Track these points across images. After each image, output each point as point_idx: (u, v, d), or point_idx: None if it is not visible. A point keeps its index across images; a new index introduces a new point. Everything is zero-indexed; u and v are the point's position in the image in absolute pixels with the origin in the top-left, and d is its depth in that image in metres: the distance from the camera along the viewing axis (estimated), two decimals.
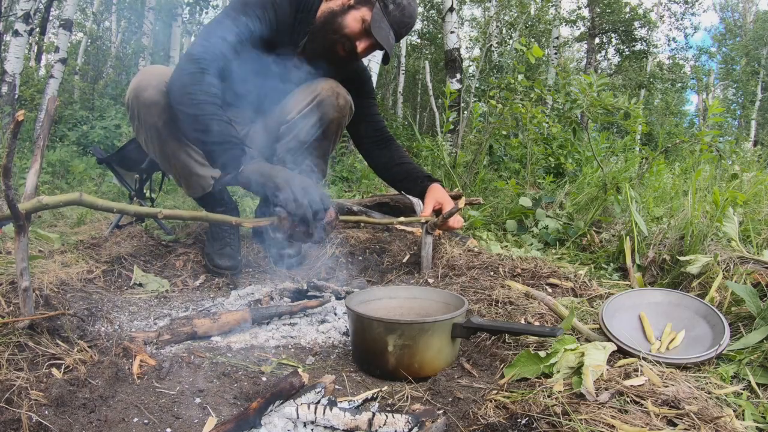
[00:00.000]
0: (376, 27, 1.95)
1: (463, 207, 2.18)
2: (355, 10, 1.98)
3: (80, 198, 1.21)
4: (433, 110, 11.31)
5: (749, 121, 21.96)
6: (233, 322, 1.59)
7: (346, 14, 1.98)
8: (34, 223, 3.22)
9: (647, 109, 17.84)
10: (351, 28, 1.98)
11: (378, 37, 1.95)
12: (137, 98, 1.98)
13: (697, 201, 2.33)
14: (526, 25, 12.27)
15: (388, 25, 1.98)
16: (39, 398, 1.05)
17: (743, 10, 27.62)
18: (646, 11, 15.43)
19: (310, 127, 2.18)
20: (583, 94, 3.47)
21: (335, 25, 1.99)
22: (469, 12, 19.41)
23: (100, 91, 10.71)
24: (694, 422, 0.98)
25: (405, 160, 2.33)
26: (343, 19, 1.99)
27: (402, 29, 2.04)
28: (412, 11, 2.04)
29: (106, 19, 14.40)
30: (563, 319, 1.46)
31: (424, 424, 1.07)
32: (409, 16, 2.03)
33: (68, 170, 6.07)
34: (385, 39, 1.97)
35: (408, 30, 2.09)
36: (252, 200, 3.93)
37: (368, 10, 1.97)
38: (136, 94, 1.98)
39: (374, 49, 2.06)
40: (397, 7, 1.98)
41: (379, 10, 1.96)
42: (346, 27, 1.98)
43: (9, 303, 1.43)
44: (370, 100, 2.39)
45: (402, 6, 1.99)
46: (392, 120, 13.12)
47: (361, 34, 2.00)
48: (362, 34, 2.00)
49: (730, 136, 15.65)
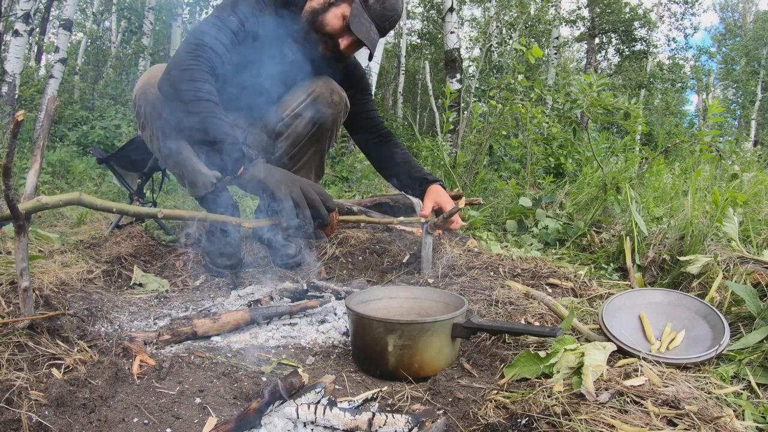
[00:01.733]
0: (355, 22, 1.92)
1: (463, 207, 2.18)
2: (335, 7, 1.96)
3: (80, 198, 1.21)
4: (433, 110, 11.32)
5: (749, 121, 21.96)
6: (233, 322, 1.59)
7: (327, 12, 1.96)
8: (34, 223, 3.22)
9: (647, 109, 17.84)
10: (332, 25, 1.96)
11: (357, 32, 1.91)
12: (144, 95, 1.98)
13: (697, 201, 2.33)
14: (526, 25, 12.27)
15: (368, 19, 1.95)
16: (39, 398, 1.05)
17: (743, 10, 27.62)
18: (646, 11, 15.44)
19: (305, 124, 2.19)
20: (583, 94, 3.47)
21: (317, 24, 1.98)
22: (469, 12, 19.43)
23: (100, 91, 10.71)
24: (694, 422, 0.98)
25: (404, 159, 2.32)
26: (324, 17, 1.97)
27: (385, 23, 2.00)
28: (394, 3, 1.99)
29: (106, 19, 14.39)
30: (563, 319, 1.46)
31: (424, 424, 1.07)
32: (391, 8, 1.98)
33: (68, 170, 6.07)
34: (365, 34, 1.93)
35: (392, 23, 2.04)
36: (252, 200, 3.93)
37: (348, 6, 1.94)
38: (144, 91, 1.98)
39: (358, 45, 2.03)
40: (377, 1, 1.94)
41: (358, 5, 1.93)
42: (327, 25, 1.97)
43: (9, 303, 1.43)
44: (366, 96, 2.38)
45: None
46: (392, 120, 13.13)
47: (342, 31, 1.97)
48: (344, 31, 1.97)
49: (730, 136, 15.65)
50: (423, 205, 2.15)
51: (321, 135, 2.23)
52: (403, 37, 15.10)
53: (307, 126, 2.19)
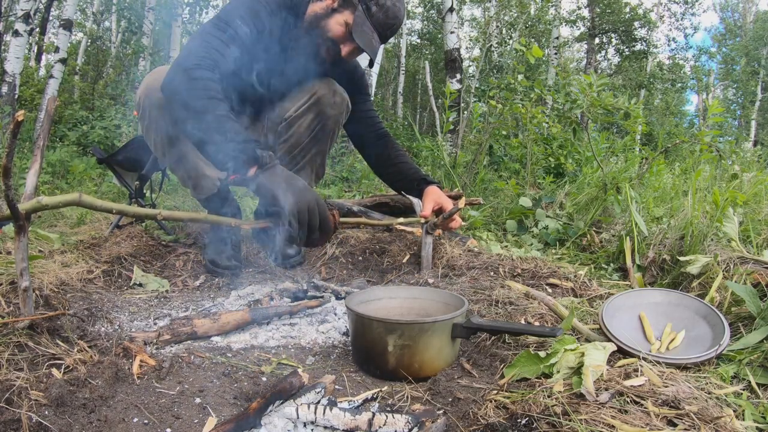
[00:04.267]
0: (357, 31, 1.93)
1: (463, 207, 2.18)
2: (338, 13, 1.96)
3: (79, 198, 1.21)
4: (433, 110, 11.32)
5: (749, 121, 21.96)
6: (233, 322, 1.59)
7: (330, 17, 1.97)
8: (34, 223, 3.22)
9: (647, 109, 17.85)
10: (334, 31, 1.97)
11: (359, 41, 1.92)
12: (148, 97, 1.98)
13: (697, 201, 2.33)
14: (526, 25, 12.28)
15: (371, 27, 1.95)
16: (39, 398, 1.05)
17: (743, 10, 27.62)
18: (646, 11, 15.44)
19: (307, 125, 2.19)
20: (583, 94, 3.47)
21: (319, 29, 1.98)
22: (469, 12, 19.43)
23: (100, 91, 10.70)
24: (694, 422, 0.98)
25: (401, 160, 2.31)
26: (327, 22, 1.97)
27: (386, 31, 2.01)
28: (397, 12, 2.00)
29: (106, 19, 14.40)
30: (563, 319, 1.46)
31: (424, 424, 1.07)
32: (393, 17, 1.99)
33: (68, 170, 6.06)
34: (367, 43, 1.94)
35: (393, 31, 2.05)
36: (252, 200, 3.93)
37: (351, 13, 1.95)
38: (148, 93, 1.98)
39: (359, 52, 2.04)
40: (380, 9, 1.95)
41: (361, 13, 1.94)
42: (329, 30, 1.97)
43: (9, 303, 1.43)
44: (365, 96, 2.38)
45: (386, 7, 1.96)
46: (392, 120, 13.13)
47: (344, 38, 1.98)
48: (346, 38, 1.98)
49: (730, 136, 15.65)
50: (423, 206, 2.15)
51: (323, 136, 2.23)
52: (403, 37, 15.11)
53: (309, 127, 2.20)
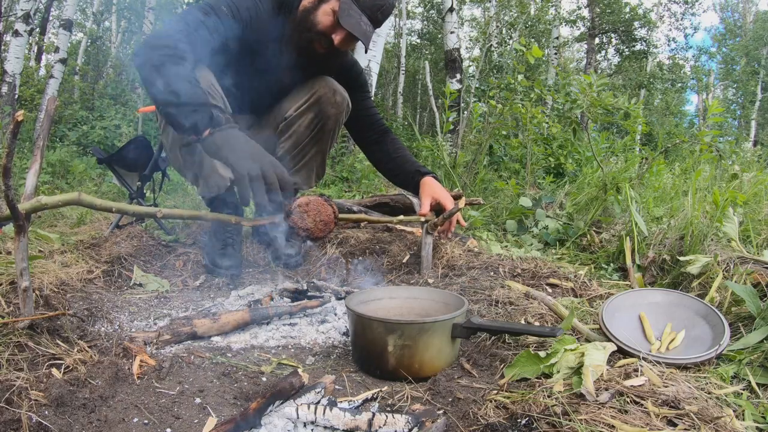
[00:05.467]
0: (344, 16, 1.89)
1: (463, 207, 2.18)
2: (325, 3, 1.93)
3: (79, 198, 1.21)
4: (433, 110, 11.31)
5: (749, 121, 21.95)
6: (233, 322, 1.59)
7: (317, 10, 1.94)
8: (34, 223, 3.22)
9: (647, 109, 17.85)
10: (323, 23, 1.94)
11: (347, 25, 1.88)
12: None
13: (697, 201, 2.33)
14: (526, 25, 12.28)
15: (358, 11, 1.91)
16: (39, 398, 1.05)
17: (743, 10, 27.61)
18: (646, 11, 15.43)
19: (308, 124, 2.19)
20: (583, 94, 3.47)
21: (309, 23, 1.96)
22: (469, 12, 19.44)
23: (100, 91, 10.71)
24: (694, 422, 0.98)
25: (398, 153, 2.30)
26: (315, 15, 1.95)
27: (376, 13, 1.95)
28: None
29: (106, 19, 14.39)
30: (563, 319, 1.46)
31: (424, 424, 1.07)
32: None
33: (68, 170, 6.06)
34: (355, 26, 1.89)
35: (385, 13, 1.99)
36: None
37: (336, 1, 1.91)
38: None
39: (352, 39, 1.99)
40: None
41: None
42: (318, 23, 1.95)
43: (9, 303, 1.43)
44: (363, 93, 2.37)
45: None
46: (392, 120, 13.12)
47: (334, 27, 1.94)
48: (335, 27, 1.94)
49: (730, 136, 15.64)
50: (420, 203, 2.13)
51: (323, 135, 2.23)
52: (403, 37, 15.10)
53: (309, 126, 2.19)
